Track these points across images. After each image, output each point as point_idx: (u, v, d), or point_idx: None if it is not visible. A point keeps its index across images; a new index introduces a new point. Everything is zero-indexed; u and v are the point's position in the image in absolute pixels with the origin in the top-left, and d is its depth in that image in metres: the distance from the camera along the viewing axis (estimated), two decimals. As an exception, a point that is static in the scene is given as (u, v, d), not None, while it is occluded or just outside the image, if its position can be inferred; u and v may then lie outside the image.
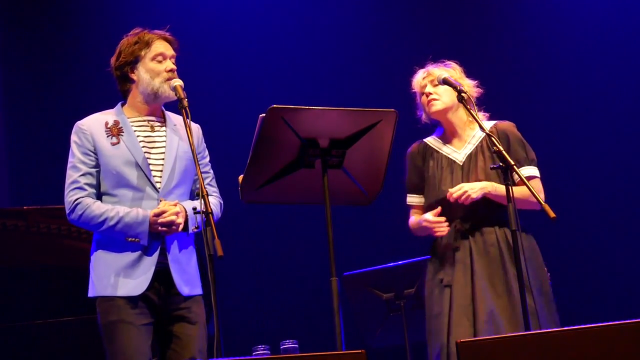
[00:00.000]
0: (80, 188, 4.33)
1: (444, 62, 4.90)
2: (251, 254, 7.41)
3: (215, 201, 4.47)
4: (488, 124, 4.76)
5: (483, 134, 4.68)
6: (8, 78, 7.55)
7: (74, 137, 4.41)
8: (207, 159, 4.56)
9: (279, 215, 7.37)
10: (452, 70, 4.84)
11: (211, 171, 4.58)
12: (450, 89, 4.68)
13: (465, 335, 4.46)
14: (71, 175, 4.36)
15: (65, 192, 4.36)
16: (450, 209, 4.66)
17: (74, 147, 4.39)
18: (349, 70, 7.67)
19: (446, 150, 4.82)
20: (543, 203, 4.10)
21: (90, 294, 4.34)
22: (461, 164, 4.77)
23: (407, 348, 5.28)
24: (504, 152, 4.24)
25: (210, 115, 7.16)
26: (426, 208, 4.79)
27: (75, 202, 4.31)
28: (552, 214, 4.02)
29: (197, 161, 4.15)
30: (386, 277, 5.28)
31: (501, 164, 4.24)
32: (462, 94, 4.47)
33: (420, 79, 4.89)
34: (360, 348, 3.38)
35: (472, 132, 4.81)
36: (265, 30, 7.78)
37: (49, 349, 5.28)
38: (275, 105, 4.07)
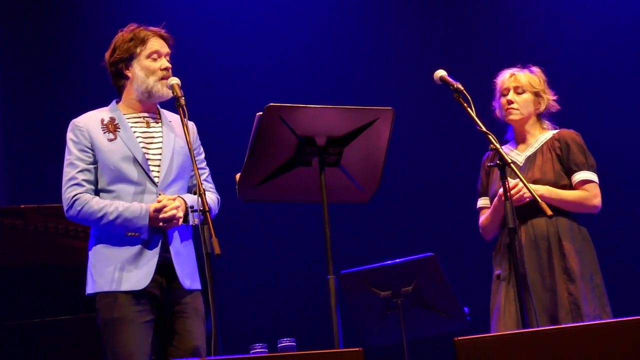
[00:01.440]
0: (78, 184, 4.33)
1: (530, 67, 5.11)
2: (249, 252, 7.41)
3: (212, 197, 4.50)
4: (553, 131, 5.04)
5: (546, 138, 5.00)
6: (5, 76, 7.54)
7: (70, 135, 4.40)
8: (203, 155, 4.57)
9: (276, 213, 7.37)
10: (535, 77, 5.06)
11: (207, 167, 4.59)
12: (532, 99, 4.99)
13: (507, 329, 4.69)
14: (68, 172, 4.36)
15: (63, 189, 4.36)
16: None
17: (70, 145, 4.39)
18: (346, 69, 7.66)
19: (512, 154, 5.04)
20: (540, 201, 4.15)
21: (89, 290, 4.34)
22: (521, 164, 4.99)
23: (404, 346, 5.28)
24: (500, 149, 4.28)
25: (208, 114, 7.17)
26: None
27: (74, 198, 4.31)
28: (549, 212, 4.11)
29: (194, 158, 4.16)
30: (384, 275, 5.27)
31: (498, 161, 4.28)
32: (458, 93, 4.48)
33: (505, 79, 5.09)
34: (358, 346, 3.38)
35: (538, 137, 5.04)
36: (262, 28, 7.77)
37: (46, 347, 5.28)
38: (272, 104, 4.07)
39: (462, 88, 4.48)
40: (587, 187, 4.90)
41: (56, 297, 5.31)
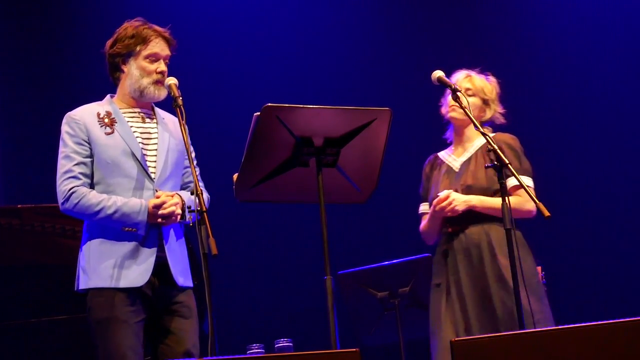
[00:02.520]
0: (75, 177, 4.28)
1: (488, 74, 5.06)
2: (246, 253, 7.41)
3: (204, 196, 4.45)
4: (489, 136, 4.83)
5: (482, 143, 4.89)
6: (1, 75, 7.53)
7: (65, 128, 4.36)
8: (193, 154, 4.54)
9: (273, 213, 7.37)
10: (488, 85, 5.00)
11: (197, 167, 4.57)
12: (479, 105, 4.93)
13: (447, 338, 4.58)
14: (64, 164, 4.31)
15: (58, 182, 4.31)
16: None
17: (66, 138, 4.34)
18: (344, 69, 7.67)
19: (449, 159, 5.01)
20: (537, 202, 4.11)
21: (81, 286, 4.28)
22: (457, 170, 4.94)
23: (401, 346, 5.28)
24: (498, 151, 4.27)
25: (205, 114, 7.17)
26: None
27: (71, 191, 4.26)
28: (546, 213, 4.05)
29: (192, 160, 4.15)
30: (380, 275, 5.28)
31: (496, 162, 4.26)
32: (456, 94, 4.49)
33: (460, 78, 5.01)
34: (355, 346, 3.38)
35: (474, 142, 4.98)
36: (260, 28, 7.77)
37: (43, 347, 5.28)
38: (269, 104, 4.07)
39: (459, 89, 4.50)
40: (520, 192, 4.77)
41: (53, 297, 5.30)
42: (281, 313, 7.38)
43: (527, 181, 4.78)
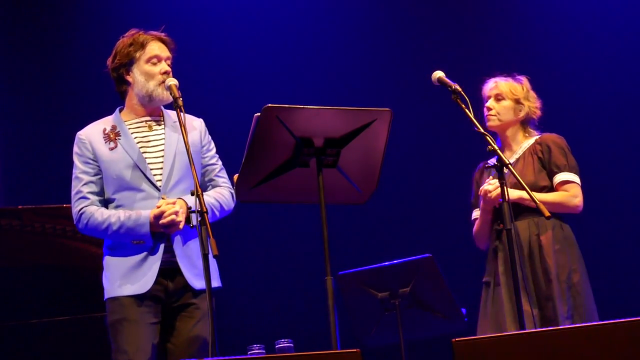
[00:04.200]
0: (84, 197, 4.38)
1: (515, 75, 5.18)
2: (246, 253, 7.40)
3: (225, 192, 4.51)
4: (536, 137, 5.09)
5: (529, 144, 5.07)
6: (0, 76, 7.53)
7: (75, 149, 4.46)
8: (214, 150, 4.59)
9: (274, 214, 7.37)
10: (517, 85, 5.12)
11: (219, 162, 4.61)
12: (512, 106, 5.05)
13: (485, 329, 4.87)
14: (75, 186, 4.42)
15: (72, 203, 4.42)
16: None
17: (75, 158, 4.44)
18: (344, 69, 7.66)
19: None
20: (538, 202, 4.18)
21: (105, 296, 4.40)
22: (506, 171, 4.93)
23: (402, 347, 5.27)
24: (498, 150, 4.32)
25: (205, 115, 7.11)
26: None
27: (80, 212, 4.37)
28: (546, 213, 4.12)
29: (192, 160, 4.15)
30: (381, 276, 5.27)
31: (496, 162, 4.29)
32: (455, 94, 4.48)
33: (488, 87, 5.17)
34: (356, 347, 3.38)
35: (521, 144, 5.11)
36: (260, 28, 7.76)
37: (43, 348, 5.28)
38: (269, 105, 4.07)
39: (460, 89, 4.49)
40: (567, 188, 4.96)
41: (54, 297, 5.31)
42: (282, 313, 7.38)
43: (573, 177, 4.97)
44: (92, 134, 4.44)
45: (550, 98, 5.43)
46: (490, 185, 4.87)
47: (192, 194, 4.02)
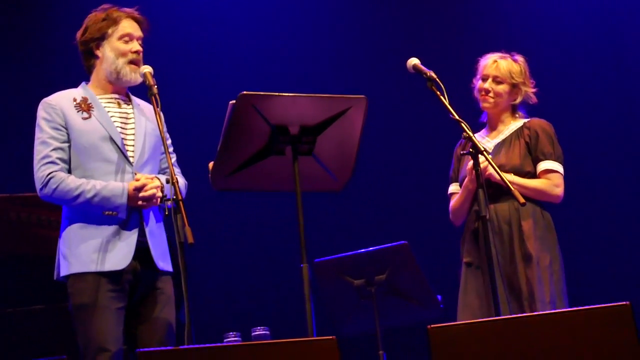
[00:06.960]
0: (53, 162, 4.25)
1: (514, 55, 5.17)
2: (222, 241, 7.40)
3: (180, 180, 4.41)
4: (524, 120, 5.11)
5: (517, 127, 5.08)
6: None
7: (41, 113, 4.34)
8: (169, 141, 4.52)
9: (249, 201, 7.36)
10: (516, 68, 5.11)
11: (174, 153, 4.55)
12: (508, 90, 5.05)
13: (472, 316, 4.84)
14: (41, 150, 4.28)
15: (36, 168, 4.28)
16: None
17: (42, 123, 4.32)
18: (319, 57, 7.66)
19: (482, 141, 5.10)
20: (513, 188, 4.21)
21: (63, 273, 4.25)
22: (490, 150, 5.05)
23: (378, 334, 5.29)
24: (474, 137, 4.31)
25: (180, 102, 7.15)
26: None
27: (49, 176, 4.23)
28: (521, 200, 4.14)
29: (167, 148, 4.14)
30: (357, 263, 5.27)
31: (471, 149, 4.30)
32: (431, 81, 4.47)
33: (487, 64, 5.14)
34: (332, 334, 3.39)
35: (509, 126, 5.12)
36: (237, 17, 7.75)
37: (20, 337, 5.26)
38: (245, 92, 4.06)
39: (435, 76, 4.48)
40: (550, 177, 4.99)
41: (29, 286, 5.29)
42: (258, 301, 7.38)
43: (555, 166, 4.99)
44: (62, 101, 4.34)
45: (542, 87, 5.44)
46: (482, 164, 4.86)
47: (167, 182, 4.00)
